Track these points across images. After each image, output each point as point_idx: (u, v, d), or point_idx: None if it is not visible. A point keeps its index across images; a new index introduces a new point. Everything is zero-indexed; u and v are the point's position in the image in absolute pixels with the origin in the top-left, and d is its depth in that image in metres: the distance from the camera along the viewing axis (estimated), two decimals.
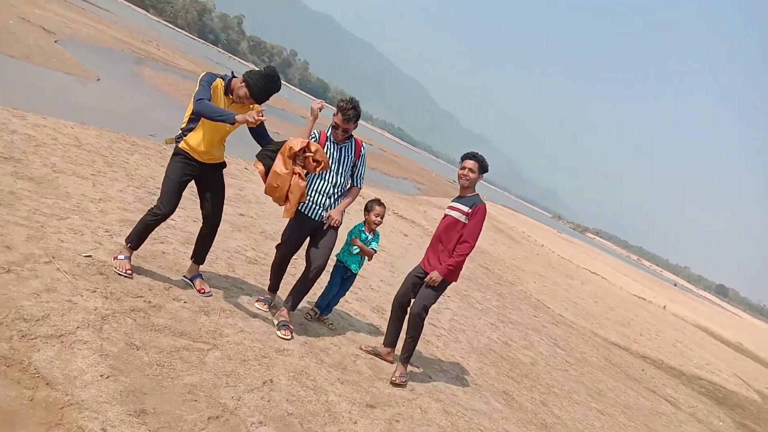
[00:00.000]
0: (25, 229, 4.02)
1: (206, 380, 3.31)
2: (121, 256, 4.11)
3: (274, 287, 4.86)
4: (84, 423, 2.53)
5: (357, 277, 6.77)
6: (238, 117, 3.78)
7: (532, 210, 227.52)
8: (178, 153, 4.16)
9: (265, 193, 4.24)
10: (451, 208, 4.81)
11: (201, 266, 4.58)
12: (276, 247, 4.73)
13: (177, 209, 4.29)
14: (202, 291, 4.41)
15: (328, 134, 4.58)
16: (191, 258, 4.53)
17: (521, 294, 12.71)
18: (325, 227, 4.55)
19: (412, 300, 4.84)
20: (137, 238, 4.14)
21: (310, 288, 4.64)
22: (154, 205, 4.14)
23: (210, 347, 3.70)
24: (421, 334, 5.31)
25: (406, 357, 4.78)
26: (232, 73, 4.28)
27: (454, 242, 4.70)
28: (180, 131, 4.17)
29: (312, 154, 4.14)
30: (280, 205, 4.29)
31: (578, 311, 14.43)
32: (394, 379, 4.60)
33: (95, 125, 8.36)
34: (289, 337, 4.40)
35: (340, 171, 4.57)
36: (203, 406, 3.07)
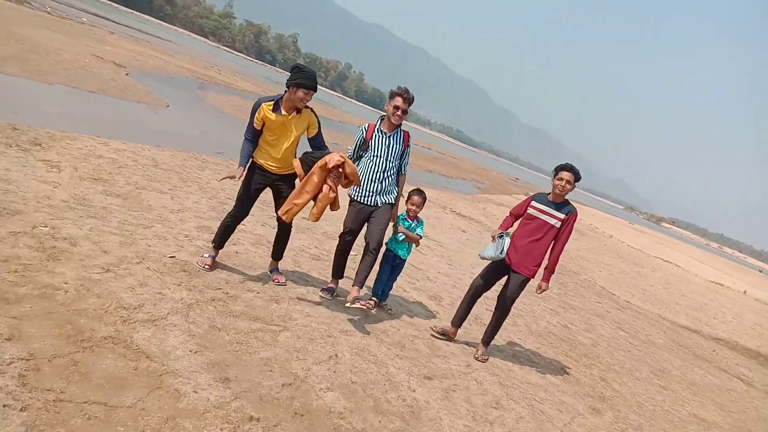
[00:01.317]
0: (117, 237, 4.63)
1: (279, 355, 3.78)
2: (206, 255, 4.81)
3: (338, 274, 5.33)
4: (179, 386, 3.03)
5: (416, 269, 7.17)
6: (237, 171, 4.60)
7: (602, 203, 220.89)
8: (251, 166, 4.74)
9: (291, 198, 4.61)
10: (543, 212, 5.14)
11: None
12: (339, 236, 5.20)
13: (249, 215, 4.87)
14: (277, 281, 5.00)
15: (377, 126, 5.02)
16: (272, 255, 5.19)
17: (585, 282, 12.70)
18: (381, 209, 5.01)
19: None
20: (218, 238, 4.83)
21: (373, 264, 5.00)
22: (230, 210, 4.81)
23: (281, 329, 4.17)
24: (476, 319, 5.67)
25: (489, 340, 5.35)
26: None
27: (542, 245, 5.12)
28: None
29: (345, 172, 4.56)
30: (295, 211, 4.63)
31: (646, 297, 14.21)
32: (477, 356, 5.21)
33: (169, 147, 9.15)
34: (365, 306, 4.70)
35: (389, 158, 5.00)
36: (278, 375, 3.53)
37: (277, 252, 5.16)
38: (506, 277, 5.28)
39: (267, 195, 5.10)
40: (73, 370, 2.83)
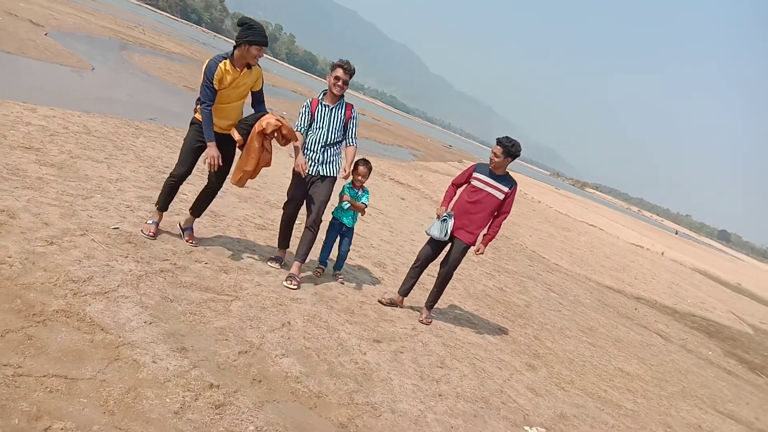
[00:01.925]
0: (57, 209, 4.50)
1: (233, 324, 3.84)
2: (150, 221, 4.74)
3: (283, 243, 5.39)
4: (138, 357, 3.05)
5: (359, 237, 7.29)
6: (209, 149, 4.49)
7: (530, 169, 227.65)
8: (193, 123, 4.67)
9: (240, 165, 4.70)
10: (488, 184, 5.34)
11: (217, 232, 5.11)
12: (283, 207, 5.24)
13: (187, 184, 4.80)
14: (190, 242, 4.90)
15: (320, 98, 5.09)
16: (190, 210, 5.01)
17: (517, 246, 13.26)
18: (322, 179, 5.07)
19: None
20: (162, 200, 4.75)
21: (314, 237, 5.13)
22: (173, 170, 4.72)
23: (233, 298, 4.22)
24: (418, 283, 5.89)
25: (432, 305, 5.61)
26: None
27: (484, 214, 5.36)
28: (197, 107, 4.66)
29: (282, 132, 4.66)
30: (246, 177, 4.76)
31: (573, 260, 15.00)
32: (422, 319, 5.44)
33: (99, 113, 8.78)
34: (295, 287, 4.89)
35: (331, 129, 5.06)
36: (233, 343, 3.60)
37: (199, 209, 5.00)
38: (449, 244, 5.50)
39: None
40: (28, 345, 2.81)
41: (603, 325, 8.68)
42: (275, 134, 4.68)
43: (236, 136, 4.68)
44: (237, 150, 4.83)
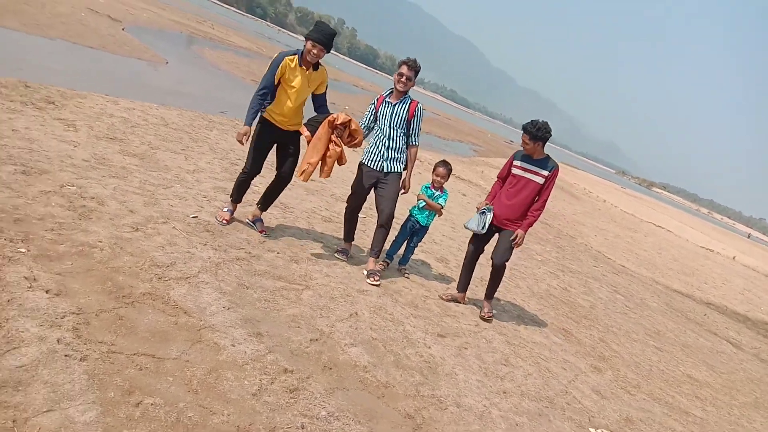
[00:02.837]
0: (140, 197, 4.76)
1: (304, 312, 3.97)
2: (225, 209, 5.01)
3: (348, 237, 5.50)
4: (218, 340, 3.21)
5: None
6: (243, 130, 4.63)
7: (594, 167, 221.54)
8: (261, 121, 4.85)
9: (305, 158, 4.79)
10: (525, 169, 5.23)
11: (287, 223, 5.30)
12: (347, 199, 5.37)
13: (259, 177, 5.00)
14: (264, 232, 5.11)
15: (385, 96, 5.18)
16: (257, 204, 5.21)
17: (581, 246, 12.98)
18: (389, 175, 5.16)
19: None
20: (235, 193, 5.05)
21: (387, 234, 5.24)
22: (244, 166, 4.95)
23: (303, 288, 4.36)
24: (482, 280, 5.87)
25: (491, 296, 5.54)
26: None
27: (527, 201, 5.23)
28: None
29: (350, 129, 4.79)
30: (311, 170, 4.80)
31: (640, 261, 14.55)
32: (483, 314, 5.37)
33: (175, 106, 9.17)
34: (377, 283, 5.05)
35: (393, 126, 5.12)
36: (305, 330, 3.72)
37: (266, 203, 5.18)
38: (497, 235, 5.43)
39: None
40: (119, 324, 3.00)
41: (671, 329, 8.42)
42: (344, 129, 4.79)
43: (306, 132, 4.82)
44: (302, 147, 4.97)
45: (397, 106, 5.13)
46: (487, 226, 5.31)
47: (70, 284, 3.17)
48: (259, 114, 4.84)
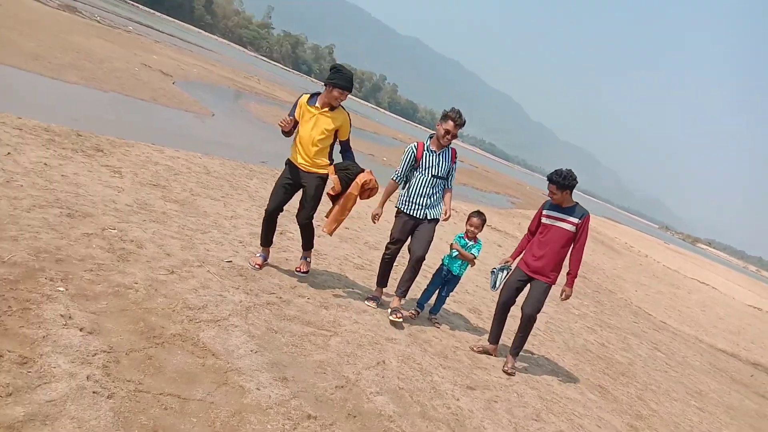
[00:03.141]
0: (178, 241, 4.90)
1: (331, 358, 3.96)
2: (258, 254, 5.13)
3: (382, 282, 5.52)
4: (243, 383, 3.23)
5: None
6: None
7: (637, 221, 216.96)
8: (286, 163, 5.07)
9: (336, 216, 4.98)
10: (555, 218, 5.19)
11: (319, 270, 5.36)
12: (386, 246, 5.41)
13: (294, 223, 5.10)
14: (299, 270, 5.24)
15: (427, 144, 5.25)
16: (302, 247, 5.38)
17: (621, 301, 12.63)
18: (429, 223, 5.24)
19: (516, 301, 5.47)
20: (262, 236, 5.14)
21: (415, 276, 5.29)
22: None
23: (332, 334, 4.36)
24: (513, 332, 5.76)
25: (517, 351, 5.36)
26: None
27: (557, 250, 5.16)
28: None
29: (369, 186, 4.96)
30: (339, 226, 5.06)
31: (683, 319, 14.04)
32: (506, 369, 5.20)
33: (218, 155, 9.50)
34: (401, 318, 5.06)
35: (438, 174, 5.21)
36: (331, 377, 3.71)
37: (306, 244, 5.30)
38: (529, 286, 5.35)
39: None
40: (148, 364, 3.06)
41: (714, 390, 8.03)
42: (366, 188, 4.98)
43: (337, 184, 4.92)
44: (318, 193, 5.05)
45: (440, 155, 5.23)
46: (499, 284, 5.33)
47: (103, 323, 3.26)
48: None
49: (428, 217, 5.22)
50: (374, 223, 5.27)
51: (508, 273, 5.44)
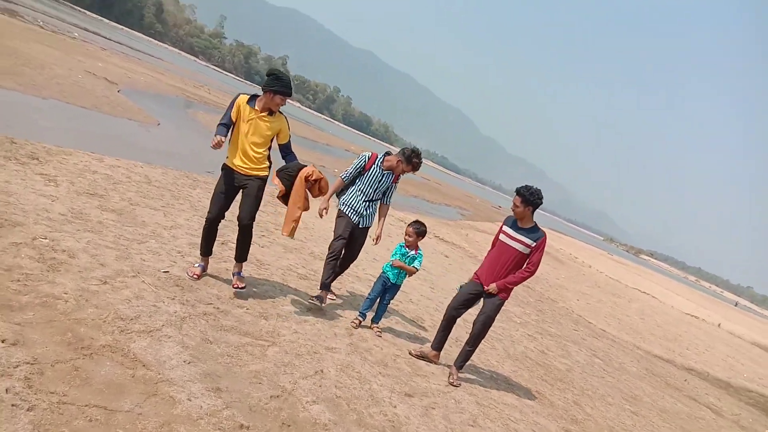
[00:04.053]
0: (113, 251, 4.80)
1: (268, 368, 3.95)
2: (197, 265, 5.06)
3: (326, 286, 5.68)
4: (174, 394, 3.19)
5: (400, 292, 7.36)
6: (215, 139, 4.66)
7: (582, 233, 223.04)
8: (222, 168, 5.01)
9: (289, 217, 4.94)
10: (510, 236, 5.26)
11: (261, 280, 5.31)
12: (330, 244, 5.67)
13: (236, 233, 5.05)
14: (236, 286, 5.03)
15: (379, 162, 5.65)
16: (235, 257, 5.18)
17: (562, 310, 12.98)
18: (362, 231, 5.77)
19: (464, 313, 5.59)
20: (202, 245, 5.08)
21: (340, 273, 6.05)
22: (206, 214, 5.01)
23: (270, 344, 4.35)
24: (457, 341, 5.87)
25: (462, 364, 5.45)
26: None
27: (506, 266, 5.24)
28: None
29: (320, 184, 4.98)
30: (296, 226, 5.00)
31: (622, 326, 14.52)
32: (452, 381, 5.25)
33: (161, 164, 9.33)
34: (319, 304, 5.42)
35: (378, 190, 5.68)
36: (266, 387, 3.71)
37: (240, 254, 5.14)
38: (482, 300, 5.46)
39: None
40: (74, 375, 2.99)
41: (648, 394, 8.34)
42: (315, 183, 4.96)
43: (280, 185, 4.94)
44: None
45: (387, 175, 5.68)
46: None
47: (28, 334, 3.18)
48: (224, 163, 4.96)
49: (360, 225, 5.68)
50: (321, 217, 5.59)
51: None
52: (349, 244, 5.69)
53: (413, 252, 5.72)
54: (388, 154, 5.76)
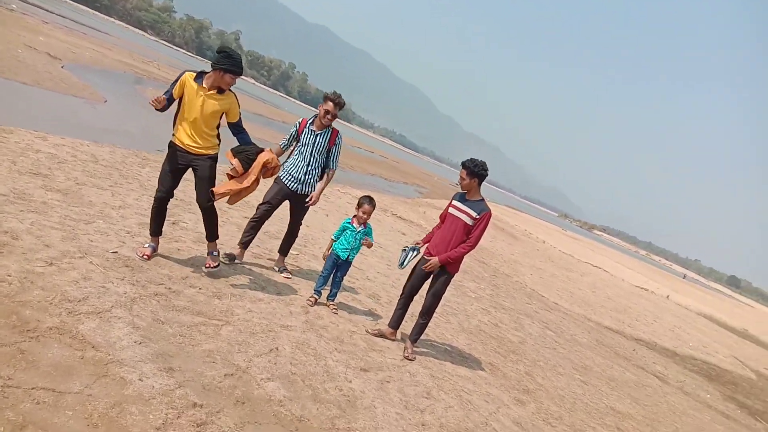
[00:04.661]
0: (59, 232, 4.66)
1: (221, 347, 3.94)
2: (146, 245, 4.94)
3: (245, 245, 5.90)
4: (125, 375, 3.16)
5: (356, 269, 7.40)
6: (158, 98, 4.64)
7: (537, 210, 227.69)
8: (169, 146, 4.86)
9: (229, 186, 4.88)
10: (458, 209, 5.35)
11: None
12: (258, 206, 5.80)
13: (188, 213, 4.97)
14: (208, 266, 5.12)
15: (309, 123, 5.60)
16: (206, 238, 5.22)
17: (516, 285, 13.29)
18: (305, 204, 5.79)
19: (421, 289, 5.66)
20: (151, 225, 4.95)
21: (293, 242, 6.20)
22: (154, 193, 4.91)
23: (223, 323, 4.33)
24: (412, 316, 5.95)
25: (416, 338, 5.57)
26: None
27: (454, 239, 5.31)
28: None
29: (272, 167, 5.00)
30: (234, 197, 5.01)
31: (573, 300, 14.98)
32: (407, 354, 5.35)
33: (108, 143, 9.05)
34: (290, 277, 5.94)
35: (314, 154, 5.65)
36: (220, 366, 3.70)
37: (210, 234, 5.14)
38: (432, 275, 5.54)
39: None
40: (20, 359, 2.93)
41: (598, 364, 8.68)
42: (270, 169, 5.00)
43: (238, 166, 4.86)
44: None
45: (319, 135, 5.62)
46: (406, 262, 5.50)
47: None
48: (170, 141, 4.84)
49: (299, 192, 5.70)
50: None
51: (417, 254, 5.60)
52: (291, 212, 5.89)
53: (362, 227, 5.73)
54: (316, 116, 5.71)
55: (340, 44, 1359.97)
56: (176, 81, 4.75)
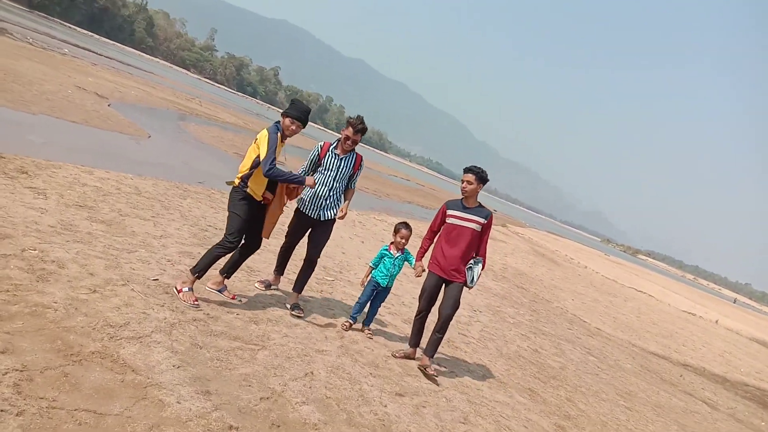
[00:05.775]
0: (102, 261, 4.84)
1: (258, 371, 3.99)
2: (185, 289, 4.73)
3: (279, 270, 5.92)
4: (163, 397, 3.23)
5: (392, 295, 7.39)
6: (308, 181, 4.94)
7: (579, 235, 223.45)
8: (244, 196, 4.85)
9: (269, 221, 5.13)
10: (461, 218, 5.38)
11: (251, 286, 5.35)
12: (285, 237, 5.81)
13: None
14: (235, 299, 5.18)
15: (332, 146, 5.51)
16: (220, 271, 5.08)
17: (557, 310, 13.03)
18: (324, 223, 5.56)
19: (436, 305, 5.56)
20: (204, 268, 4.79)
21: (310, 273, 5.71)
22: (224, 239, 4.79)
23: (260, 348, 4.39)
24: (449, 342, 5.90)
25: (433, 352, 5.46)
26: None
27: (467, 250, 5.35)
28: (239, 178, 4.87)
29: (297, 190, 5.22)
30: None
31: (617, 325, 14.58)
32: (421, 366, 5.27)
33: (151, 176, 9.37)
34: (301, 315, 5.43)
35: (338, 178, 5.48)
36: (256, 389, 3.74)
37: (231, 270, 5.13)
38: (444, 287, 5.48)
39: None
40: (63, 381, 3.03)
41: (643, 390, 8.39)
42: (293, 189, 5.21)
43: (269, 195, 5.02)
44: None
45: (343, 159, 5.49)
46: (476, 279, 5.42)
47: (18, 342, 3.21)
48: (241, 189, 4.86)
49: (322, 218, 5.49)
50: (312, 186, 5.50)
51: (481, 266, 5.49)
52: (311, 238, 5.57)
53: (400, 253, 5.76)
54: (339, 141, 5.56)
55: (376, 76, 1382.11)
56: (274, 144, 4.82)
